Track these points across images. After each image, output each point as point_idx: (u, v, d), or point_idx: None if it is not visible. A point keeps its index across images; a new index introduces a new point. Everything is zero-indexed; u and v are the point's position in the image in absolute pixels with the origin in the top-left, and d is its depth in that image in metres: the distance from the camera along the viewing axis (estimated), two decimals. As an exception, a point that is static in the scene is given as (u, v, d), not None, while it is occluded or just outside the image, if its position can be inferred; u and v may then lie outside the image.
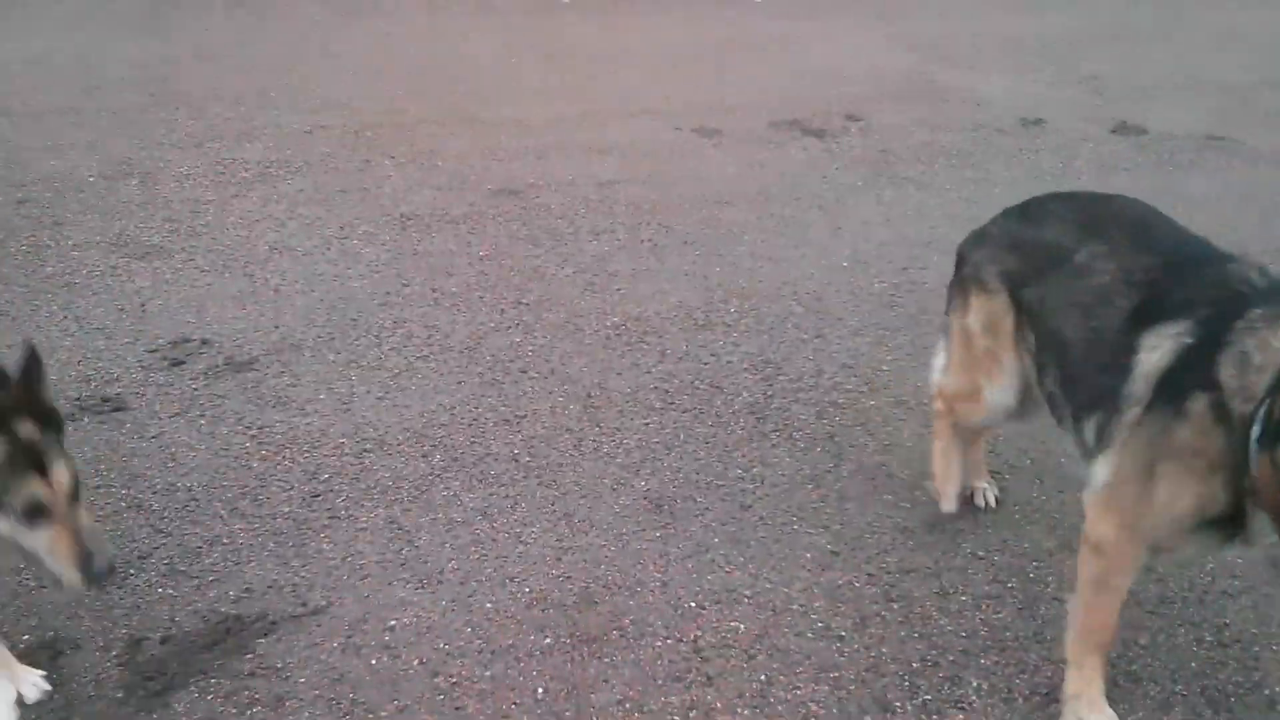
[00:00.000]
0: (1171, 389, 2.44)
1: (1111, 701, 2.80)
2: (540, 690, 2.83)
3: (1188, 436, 2.38)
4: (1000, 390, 3.16)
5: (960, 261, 3.26)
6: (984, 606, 3.16)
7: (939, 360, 3.47)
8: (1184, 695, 2.86)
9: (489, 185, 6.48)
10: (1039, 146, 7.55)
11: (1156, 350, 2.51)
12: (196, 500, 3.57)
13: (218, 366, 4.39)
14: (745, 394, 4.28)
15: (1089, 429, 2.71)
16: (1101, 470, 2.61)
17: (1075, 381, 2.81)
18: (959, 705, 2.80)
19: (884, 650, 2.99)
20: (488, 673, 2.88)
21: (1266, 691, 2.89)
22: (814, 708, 2.78)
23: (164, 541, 3.36)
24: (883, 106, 8.42)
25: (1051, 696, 2.82)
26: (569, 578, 3.25)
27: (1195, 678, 2.93)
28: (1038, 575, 3.28)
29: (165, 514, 3.49)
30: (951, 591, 3.22)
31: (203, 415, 4.05)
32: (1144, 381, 2.51)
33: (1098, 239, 2.83)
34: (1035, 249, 2.99)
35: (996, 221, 3.22)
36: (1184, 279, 2.59)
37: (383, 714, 2.73)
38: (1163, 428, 2.44)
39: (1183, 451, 2.40)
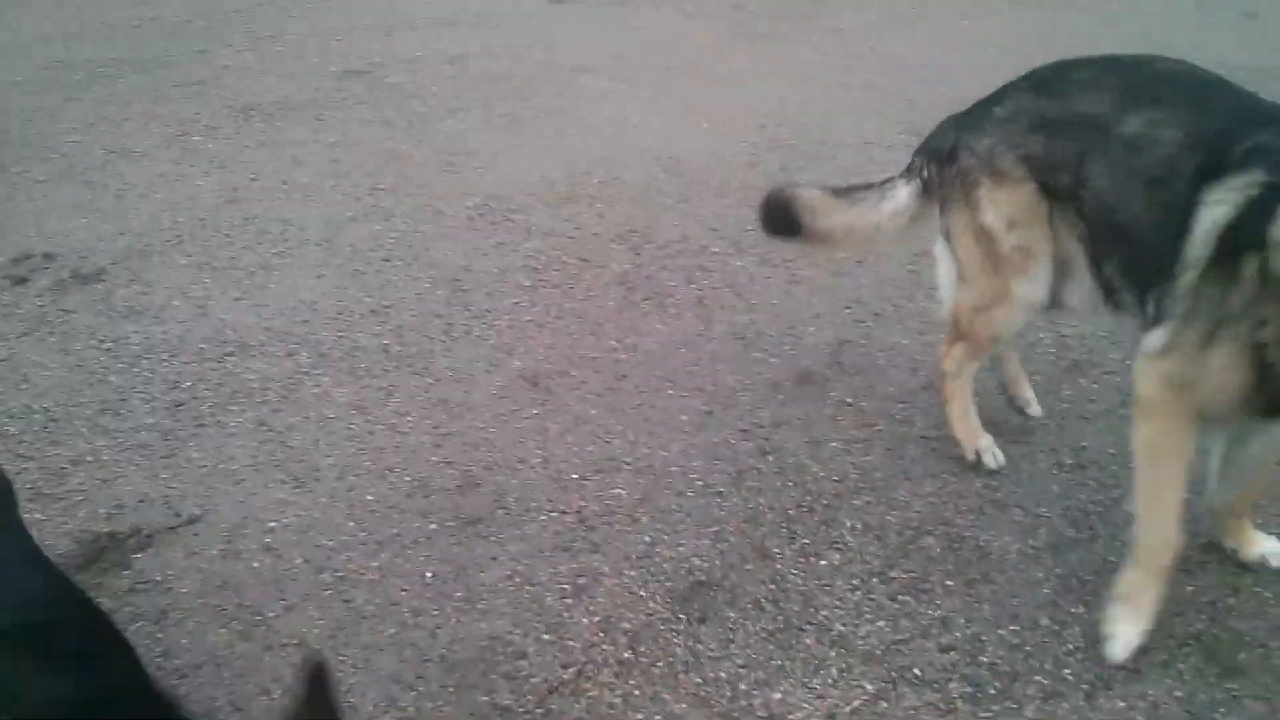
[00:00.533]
0: (1228, 248, 2.21)
1: (978, 529, 2.95)
2: (429, 574, 2.84)
3: (1238, 301, 2.19)
4: (1033, 284, 2.83)
5: (951, 153, 2.90)
6: (854, 451, 3.26)
7: (945, 274, 3.04)
8: (1048, 517, 3.01)
9: (333, 67, 6.24)
10: (890, -8, 7.56)
11: (1220, 205, 2.25)
12: (55, 420, 3.45)
13: (64, 280, 4.20)
14: (614, 265, 4.27)
15: (1150, 305, 2.49)
16: (1155, 337, 2.42)
17: (1141, 261, 2.54)
18: (834, 546, 2.91)
19: (761, 501, 3.07)
20: (374, 563, 2.88)
21: (1125, 508, 3.04)
22: (697, 561, 2.86)
23: (26, 466, 3.24)
24: (734, -40, 8.30)
25: (921, 530, 2.94)
26: (449, 463, 3.25)
27: (1057, 499, 3.08)
28: (904, 416, 3.39)
29: (24, 438, 3.36)
30: (822, 440, 3.31)
31: (53, 332, 3.88)
32: (1203, 241, 2.27)
33: (1152, 105, 2.52)
34: (1070, 126, 2.66)
35: (1001, 100, 2.83)
36: (1255, 132, 2.30)
37: (270, 615, 2.72)
38: (1214, 291, 2.23)
39: (1233, 318, 2.20)
